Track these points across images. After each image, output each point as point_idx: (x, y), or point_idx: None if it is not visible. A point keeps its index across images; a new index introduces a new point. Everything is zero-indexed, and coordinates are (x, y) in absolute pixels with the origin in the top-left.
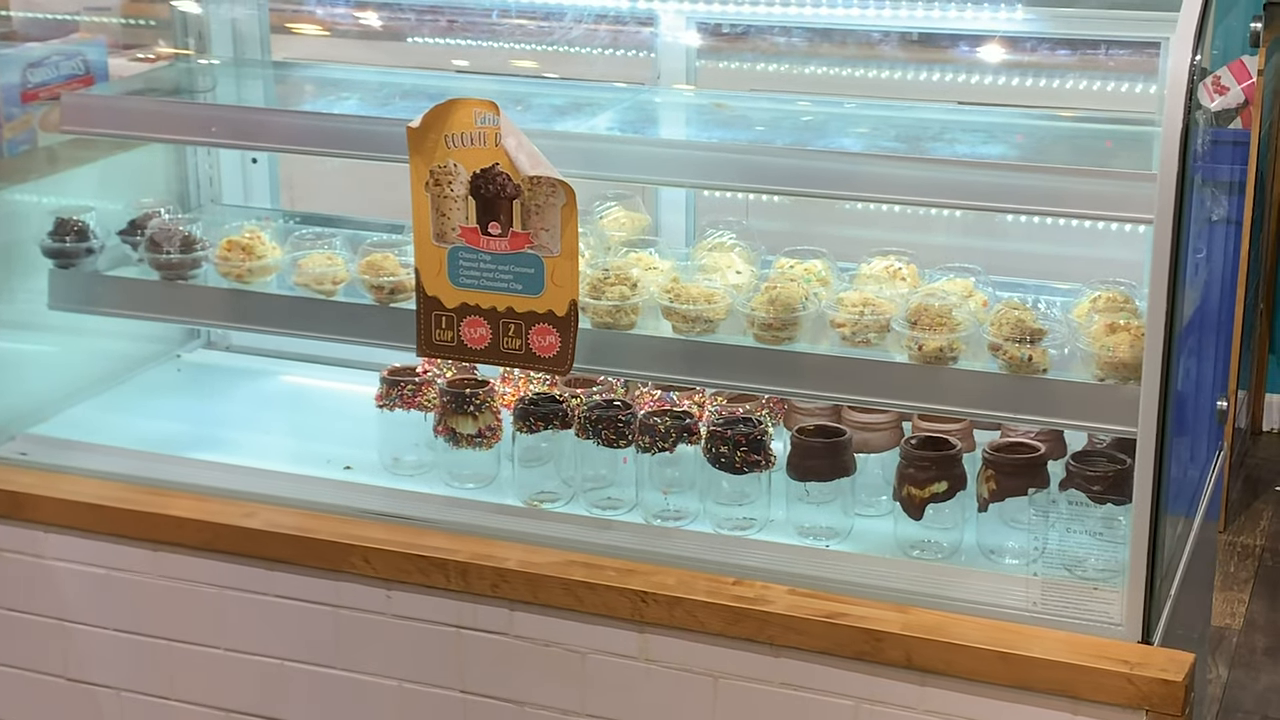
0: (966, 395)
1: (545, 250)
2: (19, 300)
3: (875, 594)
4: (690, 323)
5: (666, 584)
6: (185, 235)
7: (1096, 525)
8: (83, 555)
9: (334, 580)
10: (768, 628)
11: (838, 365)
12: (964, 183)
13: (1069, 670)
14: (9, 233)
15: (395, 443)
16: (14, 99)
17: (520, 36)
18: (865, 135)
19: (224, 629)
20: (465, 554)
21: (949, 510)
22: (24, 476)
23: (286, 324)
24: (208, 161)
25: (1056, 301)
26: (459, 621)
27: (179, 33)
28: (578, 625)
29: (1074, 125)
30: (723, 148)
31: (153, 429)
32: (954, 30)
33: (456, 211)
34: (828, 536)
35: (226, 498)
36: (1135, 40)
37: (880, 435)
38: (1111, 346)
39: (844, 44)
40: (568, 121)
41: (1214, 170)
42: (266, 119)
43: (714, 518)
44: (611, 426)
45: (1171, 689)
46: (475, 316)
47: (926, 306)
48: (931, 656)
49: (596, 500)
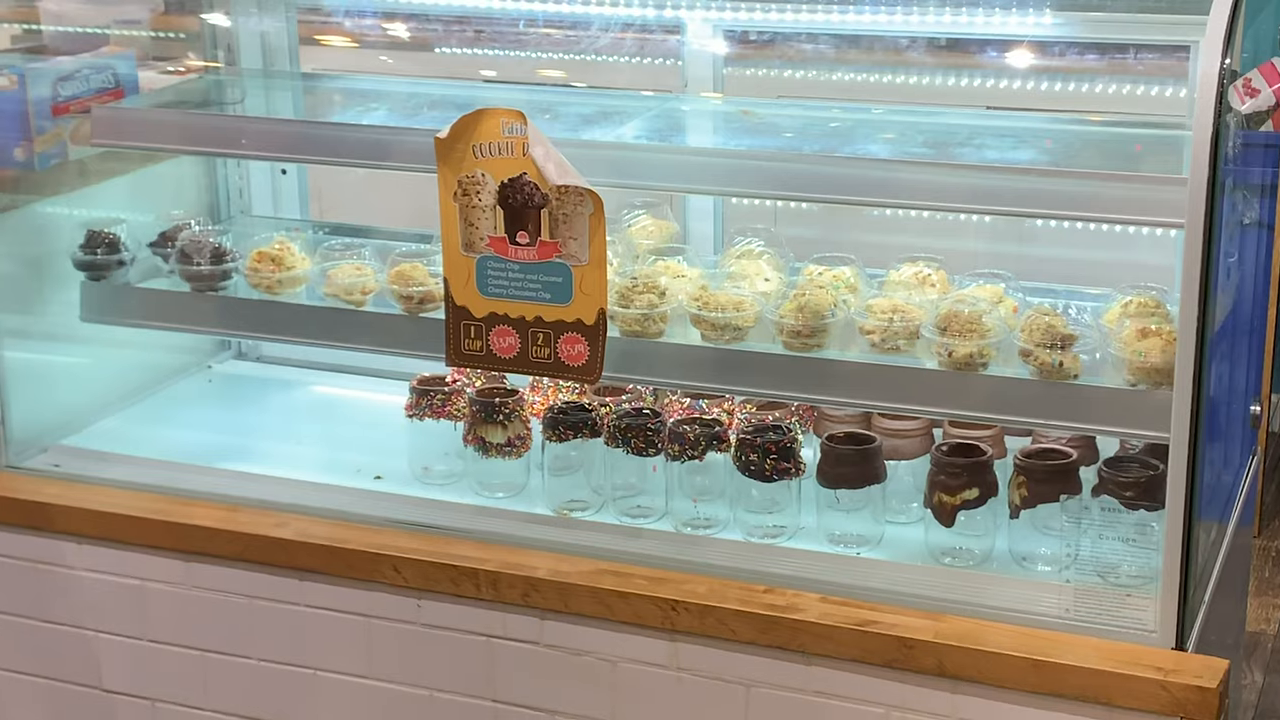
0: (997, 401)
1: (573, 259)
2: (51, 312)
3: (907, 601)
4: (719, 330)
5: (697, 592)
6: (215, 247)
7: (1129, 531)
8: (115, 566)
9: (365, 590)
10: (799, 636)
11: (867, 372)
12: (993, 188)
13: (1102, 677)
14: (41, 245)
15: (425, 452)
16: (45, 112)
17: (547, 46)
18: (893, 141)
19: (256, 639)
20: (495, 563)
21: (980, 517)
22: (56, 488)
23: (316, 334)
24: (237, 173)
25: (1087, 307)
26: (490, 631)
27: (208, 45)
28: (608, 634)
29: (1103, 129)
30: (750, 155)
31: (184, 440)
32: (982, 35)
33: (485, 221)
34: (859, 544)
35: (257, 508)
36: (1164, 44)
37: (911, 442)
38: (1143, 351)
39: (871, 50)
40: (595, 130)
41: (1245, 173)
42: (296, 130)
43: (744, 525)
44: (641, 435)
45: (1206, 695)
46: (504, 326)
47: (956, 313)
48: (964, 664)
49: (626, 509)
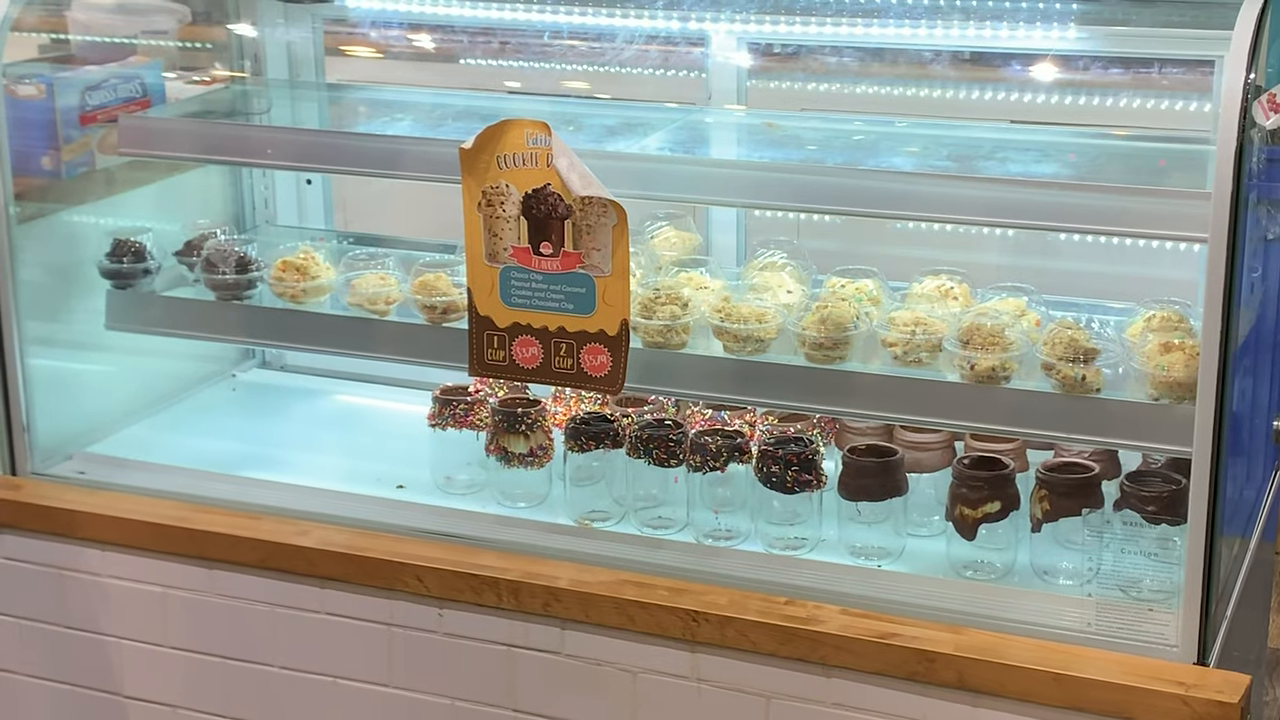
0: (1019, 415)
1: (597, 270)
2: (77, 320)
3: (928, 614)
4: (741, 342)
5: (718, 603)
6: (241, 256)
7: (1151, 546)
8: (138, 574)
9: (387, 599)
10: (820, 648)
11: (889, 385)
12: (1016, 201)
13: (1123, 692)
14: (67, 254)
15: (447, 462)
16: (73, 122)
17: (572, 58)
18: (917, 154)
19: (278, 647)
20: (517, 573)
21: (1002, 530)
22: (81, 495)
23: (340, 344)
24: (263, 183)
25: (1110, 321)
26: (511, 640)
27: (235, 55)
28: (629, 644)
29: (1127, 144)
30: (774, 167)
31: (208, 448)
32: (1006, 49)
33: (508, 231)
34: (880, 556)
35: (280, 516)
36: (1189, 58)
37: (932, 455)
38: (1166, 366)
39: (895, 63)
40: (619, 142)
41: (1270, 189)
42: (321, 141)
43: (765, 537)
44: (663, 446)
45: (1227, 711)
46: (527, 336)
47: (979, 326)
48: (984, 677)
49: (648, 519)
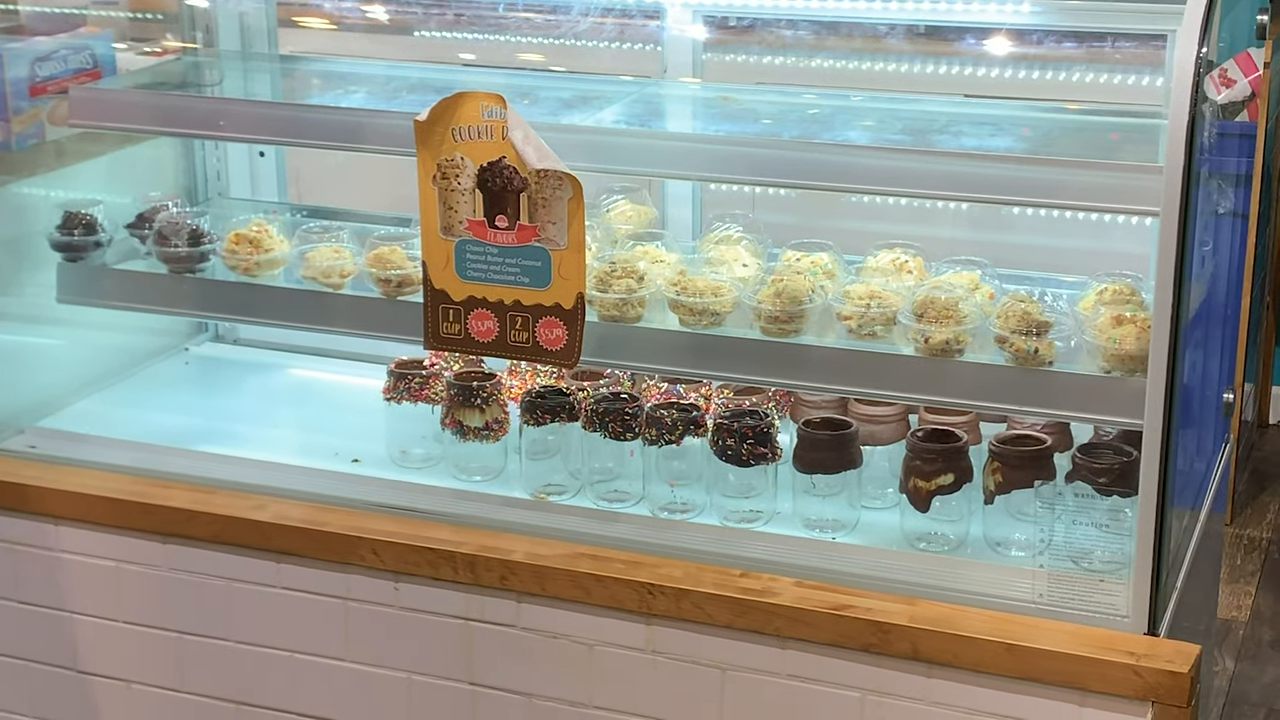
0: (973, 388)
1: (552, 243)
2: (27, 294)
3: (882, 586)
4: (697, 315)
5: (673, 576)
6: (193, 229)
7: (1103, 517)
8: (92, 548)
9: (343, 573)
10: (774, 620)
11: (844, 358)
12: (970, 175)
13: (1075, 662)
14: (17, 226)
15: (403, 435)
16: (22, 93)
17: (527, 30)
18: (872, 128)
19: (233, 621)
20: (473, 546)
21: (955, 502)
22: (33, 469)
23: (294, 317)
24: (215, 155)
25: (1063, 294)
26: (467, 614)
27: (186, 26)
28: (585, 617)
29: (1080, 118)
30: (729, 141)
31: (161, 422)
32: (960, 23)
33: (464, 205)
34: (834, 529)
35: (235, 490)
36: (1142, 33)
37: (886, 428)
38: (1118, 339)
39: (850, 37)
40: (574, 115)
41: (1220, 163)
42: (274, 113)
43: (720, 510)
44: (618, 419)
45: (1177, 680)
46: (482, 309)
47: (933, 299)
48: (938, 648)
49: (603, 493)
